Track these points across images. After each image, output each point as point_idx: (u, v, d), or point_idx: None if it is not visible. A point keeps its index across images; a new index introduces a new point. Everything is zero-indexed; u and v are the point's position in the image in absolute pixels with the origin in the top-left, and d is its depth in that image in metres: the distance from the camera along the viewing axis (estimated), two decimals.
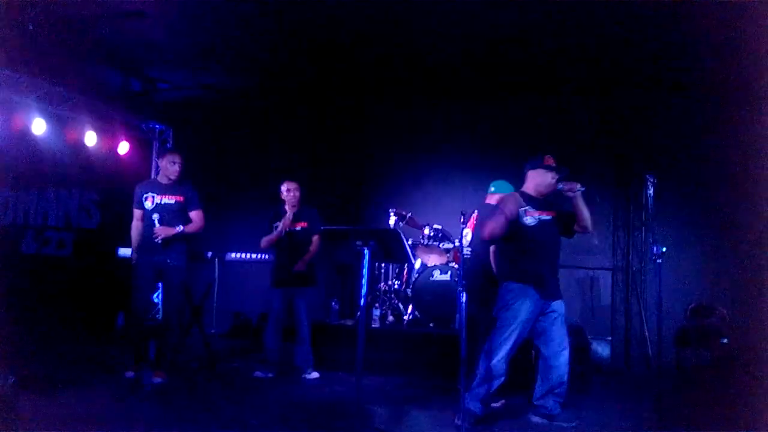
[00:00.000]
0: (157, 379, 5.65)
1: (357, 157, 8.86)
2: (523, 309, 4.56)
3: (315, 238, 6.11)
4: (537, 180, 4.78)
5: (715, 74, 6.76)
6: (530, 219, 4.61)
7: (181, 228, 5.76)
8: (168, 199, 5.82)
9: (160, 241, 5.67)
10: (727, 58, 6.36)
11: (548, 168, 4.74)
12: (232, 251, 6.81)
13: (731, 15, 5.43)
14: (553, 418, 4.65)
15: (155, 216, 5.75)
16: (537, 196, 4.75)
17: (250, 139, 9.08)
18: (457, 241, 6.18)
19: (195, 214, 5.91)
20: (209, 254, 6.62)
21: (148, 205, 5.81)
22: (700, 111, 7.30)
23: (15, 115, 7.43)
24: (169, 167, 5.85)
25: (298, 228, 6.07)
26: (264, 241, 6.10)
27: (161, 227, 5.70)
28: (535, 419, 4.70)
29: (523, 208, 4.59)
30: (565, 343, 4.69)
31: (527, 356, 5.51)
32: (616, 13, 5.87)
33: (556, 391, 4.65)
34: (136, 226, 5.91)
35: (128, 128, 8.87)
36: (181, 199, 5.86)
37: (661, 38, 6.35)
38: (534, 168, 4.82)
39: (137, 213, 5.89)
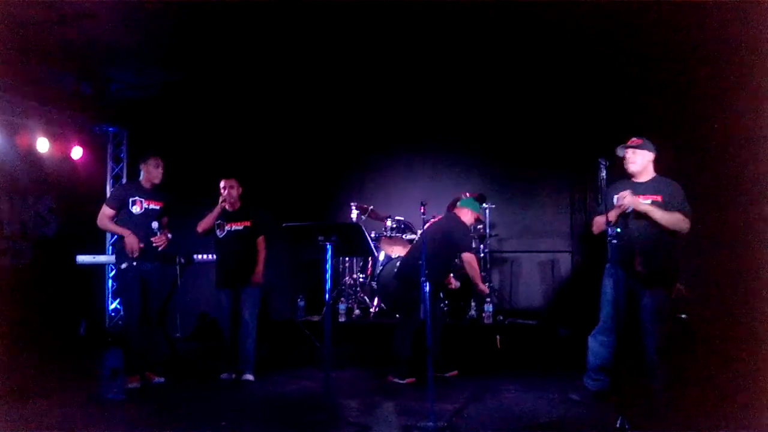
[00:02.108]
0: (158, 380, 5.75)
1: (318, 153, 8.85)
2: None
3: (260, 239, 5.95)
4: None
5: (669, 56, 6.92)
6: None
7: (170, 235, 5.81)
8: (154, 205, 5.77)
9: (161, 249, 5.68)
10: (684, 42, 6.54)
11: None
12: (194, 253, 6.75)
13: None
14: None
15: (154, 224, 5.71)
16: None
17: (207, 138, 8.99)
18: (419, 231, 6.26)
19: (165, 220, 5.93)
20: (181, 259, 6.51)
21: (136, 209, 5.69)
22: (653, 93, 7.45)
23: None
24: (153, 171, 5.77)
25: (241, 227, 5.90)
26: (199, 225, 5.91)
27: (162, 236, 5.71)
28: None
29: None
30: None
31: None
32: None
33: None
34: (104, 223, 5.79)
35: (81, 132, 8.74)
36: (162, 204, 5.83)
37: (620, 25, 6.48)
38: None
39: (109, 211, 5.72)
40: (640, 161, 4.84)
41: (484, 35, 6.89)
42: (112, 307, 9.22)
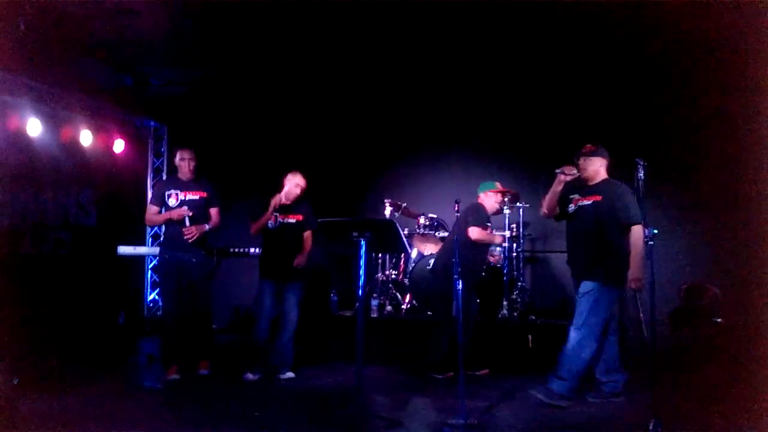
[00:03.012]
0: (204, 371, 5.86)
1: (353, 149, 8.89)
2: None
3: (308, 234, 5.97)
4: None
5: (706, 60, 6.83)
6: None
7: (207, 226, 5.82)
8: (192, 195, 5.83)
9: (191, 241, 5.69)
10: (719, 46, 6.45)
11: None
12: (231, 246, 6.85)
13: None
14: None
15: (186, 217, 5.73)
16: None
17: (246, 134, 9.11)
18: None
19: (214, 211, 5.97)
20: (215, 252, 6.60)
21: (172, 202, 5.79)
22: (692, 95, 7.35)
23: (10, 115, 7.47)
24: (179, 164, 5.86)
25: (293, 220, 5.90)
26: (253, 227, 5.88)
27: (194, 227, 5.69)
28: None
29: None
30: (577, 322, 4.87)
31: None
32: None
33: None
34: (149, 219, 6.03)
35: (123, 126, 8.93)
36: (204, 195, 5.89)
37: (653, 26, 6.41)
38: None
39: (153, 208, 5.90)
40: (590, 167, 5.08)
41: (521, 35, 6.87)
42: (150, 297, 9.41)
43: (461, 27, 6.73)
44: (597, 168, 5.07)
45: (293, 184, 5.90)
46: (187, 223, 5.69)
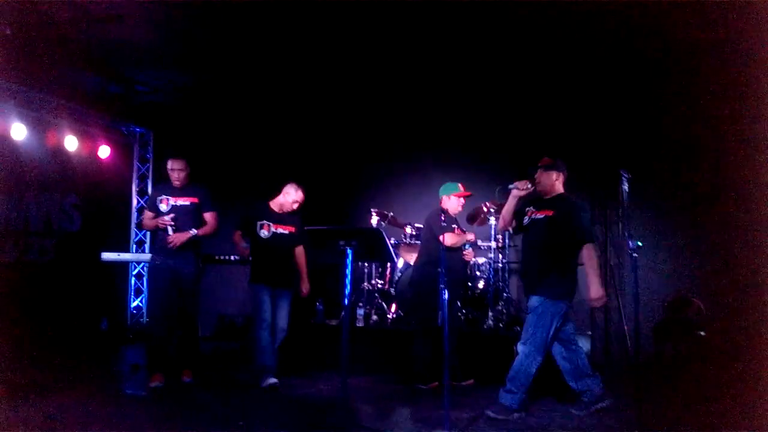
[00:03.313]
0: (187, 379, 5.79)
1: (340, 158, 8.90)
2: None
3: (301, 250, 6.03)
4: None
5: (690, 71, 6.90)
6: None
7: (194, 231, 5.74)
8: (183, 201, 5.81)
9: (173, 248, 5.65)
10: (701, 58, 6.52)
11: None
12: (216, 253, 6.82)
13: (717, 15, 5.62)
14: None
15: (169, 226, 5.71)
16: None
17: (232, 141, 9.10)
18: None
19: (209, 216, 5.92)
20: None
21: (163, 207, 5.78)
22: (675, 108, 7.41)
23: None
24: (170, 174, 5.83)
25: (286, 231, 5.88)
26: (240, 248, 5.91)
27: (175, 235, 5.65)
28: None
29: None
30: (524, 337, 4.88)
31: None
32: (598, 12, 5.98)
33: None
34: (145, 224, 6.05)
35: (109, 132, 8.91)
36: (195, 200, 5.86)
37: (638, 37, 6.48)
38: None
39: (148, 214, 5.89)
40: (546, 181, 5.05)
41: (506, 44, 6.92)
42: (134, 304, 9.34)
43: (450, 37, 6.77)
44: (553, 182, 5.02)
45: (292, 199, 5.91)
46: (170, 232, 5.66)
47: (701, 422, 4.61)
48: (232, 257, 7.07)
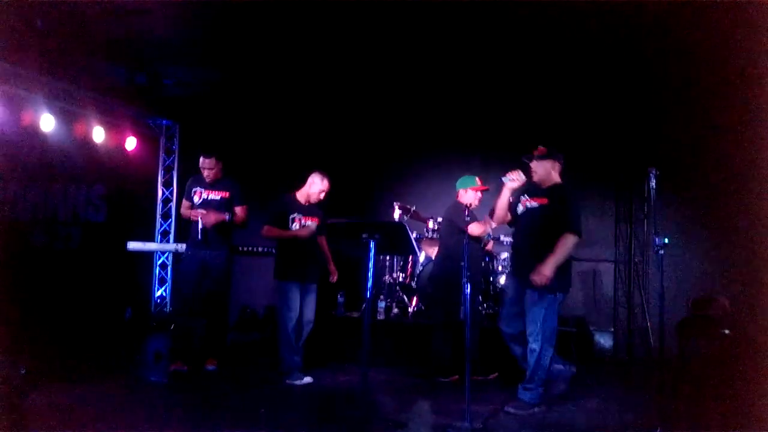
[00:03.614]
0: (211, 367, 5.88)
1: (364, 152, 8.91)
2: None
3: (323, 240, 6.04)
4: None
5: (717, 68, 6.81)
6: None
7: (227, 216, 5.88)
8: (214, 195, 5.95)
9: (206, 227, 5.77)
10: (730, 55, 6.42)
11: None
12: (240, 245, 6.88)
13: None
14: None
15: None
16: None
17: (257, 134, 9.15)
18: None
19: (240, 209, 6.03)
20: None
21: (195, 199, 5.96)
22: (703, 105, 7.32)
23: (24, 111, 7.54)
24: (201, 170, 5.95)
25: (313, 224, 5.85)
26: (272, 232, 5.78)
27: (208, 213, 5.78)
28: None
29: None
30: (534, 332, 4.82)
31: None
32: (623, 8, 5.92)
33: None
34: (183, 213, 6.18)
35: (135, 124, 9.00)
36: (226, 195, 5.98)
37: (665, 34, 6.41)
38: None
39: (186, 203, 6.08)
40: (541, 170, 4.99)
41: (531, 37, 6.88)
42: (158, 294, 9.45)
43: (475, 33, 6.76)
44: (549, 171, 4.97)
45: (318, 189, 5.90)
46: (200, 226, 5.77)
47: (723, 420, 4.57)
48: (258, 248, 7.12)
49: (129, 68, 8.22)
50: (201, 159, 5.94)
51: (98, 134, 8.36)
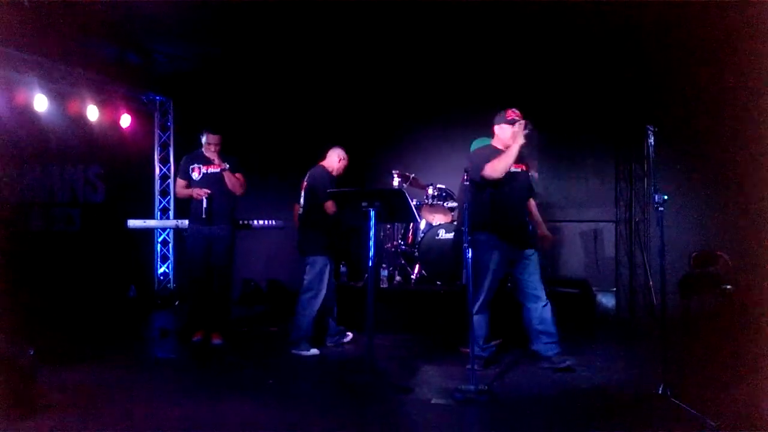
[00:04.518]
0: (217, 341, 5.93)
1: (361, 120, 8.85)
2: (493, 259, 4.88)
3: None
4: (501, 134, 5.08)
5: (721, 28, 6.73)
6: None
7: (226, 165, 5.93)
8: (214, 169, 5.97)
9: (209, 204, 5.87)
10: (725, 16, 6.36)
11: (509, 122, 5.02)
12: (239, 218, 6.87)
13: None
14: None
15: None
16: (504, 149, 4.96)
17: (252, 108, 9.09)
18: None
19: (239, 175, 6.09)
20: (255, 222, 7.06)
21: (195, 176, 6.01)
22: (701, 62, 7.26)
23: (16, 92, 7.48)
24: (206, 147, 5.96)
25: None
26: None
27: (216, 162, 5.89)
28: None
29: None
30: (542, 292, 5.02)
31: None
32: None
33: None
34: (178, 192, 6.24)
35: (129, 101, 8.93)
36: (225, 166, 6.00)
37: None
38: (498, 123, 5.13)
39: (181, 182, 6.11)
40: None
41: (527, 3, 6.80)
42: (160, 271, 9.47)
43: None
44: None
45: (344, 164, 6.11)
46: (205, 204, 5.84)
47: (726, 375, 4.61)
48: (252, 222, 7.13)
49: (120, 45, 8.13)
50: (207, 135, 5.96)
51: (92, 113, 8.30)
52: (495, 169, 4.79)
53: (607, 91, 7.91)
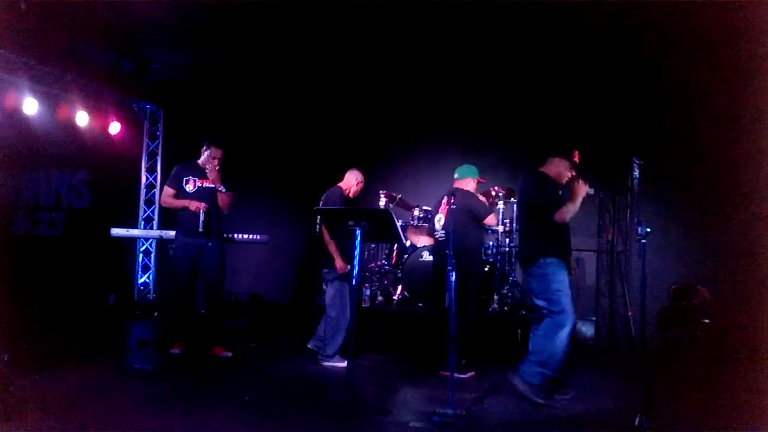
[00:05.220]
0: (225, 354, 5.93)
1: (349, 139, 8.89)
2: (564, 280, 4.80)
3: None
4: (558, 167, 5.04)
5: (703, 60, 6.88)
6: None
7: (222, 188, 5.93)
8: (209, 184, 5.95)
9: (212, 177, 5.86)
10: (718, 46, 6.51)
11: (572, 163, 5.04)
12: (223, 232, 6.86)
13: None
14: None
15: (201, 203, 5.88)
16: (555, 178, 4.99)
17: (242, 120, 9.11)
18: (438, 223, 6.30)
19: (229, 197, 6.07)
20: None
21: (189, 188, 5.93)
22: (689, 94, 7.37)
23: (6, 94, 7.45)
24: (210, 161, 5.93)
25: None
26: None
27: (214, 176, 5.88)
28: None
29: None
30: None
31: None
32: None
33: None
34: (166, 201, 6.05)
35: (120, 108, 8.92)
36: (222, 188, 6.01)
37: (650, 26, 6.47)
38: (559, 156, 5.07)
39: (169, 190, 6.00)
40: None
41: (514, 28, 6.92)
42: (141, 280, 9.41)
43: (463, 24, 6.77)
44: None
45: (361, 185, 6.23)
46: (202, 218, 5.80)
47: (702, 408, 4.65)
48: (232, 235, 7.13)
49: (114, 52, 8.15)
50: (212, 149, 5.95)
51: (82, 118, 8.28)
52: (564, 218, 4.84)
53: (593, 121, 8.00)
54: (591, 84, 7.95)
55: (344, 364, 5.68)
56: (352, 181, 6.19)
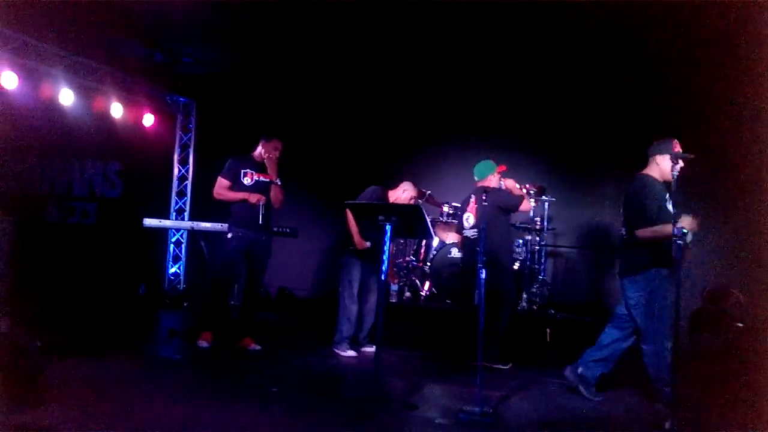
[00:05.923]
0: (256, 347, 5.96)
1: (380, 136, 8.89)
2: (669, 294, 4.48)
3: None
4: (664, 165, 4.70)
5: (747, 56, 6.73)
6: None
7: (278, 182, 6.00)
8: (264, 178, 6.00)
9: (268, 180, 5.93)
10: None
11: (677, 156, 4.48)
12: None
13: None
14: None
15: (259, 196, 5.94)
16: (661, 180, 4.73)
17: (273, 114, 9.14)
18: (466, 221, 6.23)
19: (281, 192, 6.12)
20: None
21: (247, 181, 5.96)
22: (731, 90, 7.20)
23: (43, 84, 7.57)
24: (273, 153, 5.98)
25: None
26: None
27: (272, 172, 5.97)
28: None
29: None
30: None
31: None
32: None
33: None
34: (221, 193, 5.98)
35: (153, 101, 9.01)
36: (273, 177, 6.05)
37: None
38: (661, 153, 4.72)
39: (224, 182, 5.98)
40: None
41: (547, 25, 6.83)
42: (171, 270, 9.51)
43: (493, 25, 6.74)
44: None
45: (409, 195, 6.16)
46: (262, 211, 5.85)
47: (734, 413, 4.55)
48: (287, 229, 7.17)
49: (148, 46, 8.22)
50: (275, 141, 6.01)
51: (116, 110, 8.39)
52: (647, 236, 4.56)
53: (628, 117, 7.88)
54: (634, 79, 7.81)
55: (347, 353, 5.94)
56: (399, 193, 6.14)
